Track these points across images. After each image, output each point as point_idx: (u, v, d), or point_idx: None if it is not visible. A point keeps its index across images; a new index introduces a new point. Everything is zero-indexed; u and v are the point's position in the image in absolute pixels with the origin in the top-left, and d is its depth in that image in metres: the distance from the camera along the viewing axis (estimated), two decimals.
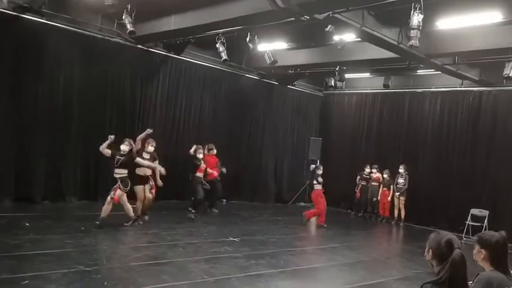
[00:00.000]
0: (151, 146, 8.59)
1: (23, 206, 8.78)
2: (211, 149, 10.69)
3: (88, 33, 9.88)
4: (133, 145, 8.23)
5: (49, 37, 9.30)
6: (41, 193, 9.40)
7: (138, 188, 8.44)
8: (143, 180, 8.50)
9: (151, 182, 8.60)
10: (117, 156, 7.85)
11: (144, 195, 8.49)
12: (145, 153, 8.53)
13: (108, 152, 7.81)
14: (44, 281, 4.85)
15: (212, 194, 10.73)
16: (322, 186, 10.88)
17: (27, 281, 4.79)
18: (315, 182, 10.78)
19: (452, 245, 2.33)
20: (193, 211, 9.70)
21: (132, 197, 8.36)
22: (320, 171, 10.87)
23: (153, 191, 8.65)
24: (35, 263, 5.46)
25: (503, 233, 2.76)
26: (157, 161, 8.71)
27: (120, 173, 7.88)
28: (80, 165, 10.03)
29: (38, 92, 9.33)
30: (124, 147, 7.93)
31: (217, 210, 10.95)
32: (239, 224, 10.09)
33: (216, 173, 10.65)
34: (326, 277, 6.73)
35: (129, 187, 7.97)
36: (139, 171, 8.41)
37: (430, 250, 2.43)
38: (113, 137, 7.85)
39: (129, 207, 8.11)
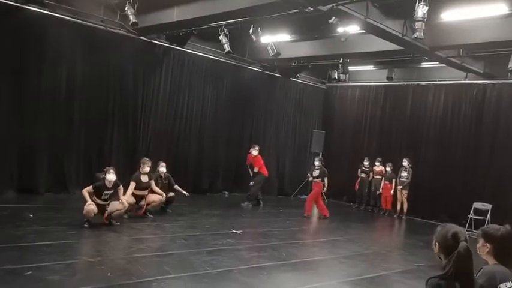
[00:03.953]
0: (148, 166, 8.35)
1: (26, 197, 8.82)
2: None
3: (90, 24, 9.83)
4: None
5: (51, 28, 9.27)
6: (44, 184, 9.44)
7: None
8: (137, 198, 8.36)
9: (143, 202, 8.37)
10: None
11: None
12: (143, 175, 8.36)
13: None
14: (47, 272, 4.87)
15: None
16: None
17: (30, 272, 4.81)
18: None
19: (458, 237, 2.32)
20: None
21: None
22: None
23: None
24: (38, 254, 5.48)
25: (508, 227, 2.74)
26: (153, 180, 8.61)
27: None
28: (83, 157, 10.05)
29: (41, 83, 9.32)
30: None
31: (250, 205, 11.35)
32: (241, 216, 10.12)
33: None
34: (327, 270, 6.73)
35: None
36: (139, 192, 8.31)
37: (437, 243, 2.42)
38: None
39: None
